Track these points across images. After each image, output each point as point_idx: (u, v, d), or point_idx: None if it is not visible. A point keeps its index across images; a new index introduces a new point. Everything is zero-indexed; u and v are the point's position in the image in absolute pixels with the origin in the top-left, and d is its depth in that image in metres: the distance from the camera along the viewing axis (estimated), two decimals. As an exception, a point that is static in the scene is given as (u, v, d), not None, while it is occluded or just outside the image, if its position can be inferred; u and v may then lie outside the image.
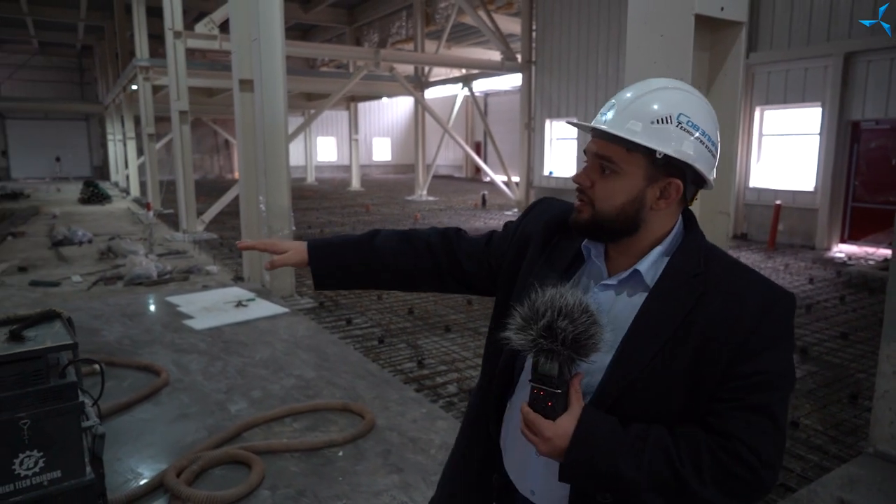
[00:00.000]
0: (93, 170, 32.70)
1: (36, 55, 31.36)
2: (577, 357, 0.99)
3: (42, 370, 2.09)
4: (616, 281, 1.11)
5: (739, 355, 1.00)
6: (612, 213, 1.06)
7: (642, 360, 1.03)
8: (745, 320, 1.01)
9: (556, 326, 0.98)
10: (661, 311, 1.04)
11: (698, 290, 1.04)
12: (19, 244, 11.19)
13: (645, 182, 1.05)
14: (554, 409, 1.00)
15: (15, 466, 2.05)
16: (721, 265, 1.08)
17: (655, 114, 1.03)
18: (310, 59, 27.29)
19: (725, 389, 1.00)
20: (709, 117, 1.06)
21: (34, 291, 7.55)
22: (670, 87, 1.07)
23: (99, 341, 5.13)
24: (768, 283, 1.07)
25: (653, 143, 1.02)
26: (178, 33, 11.17)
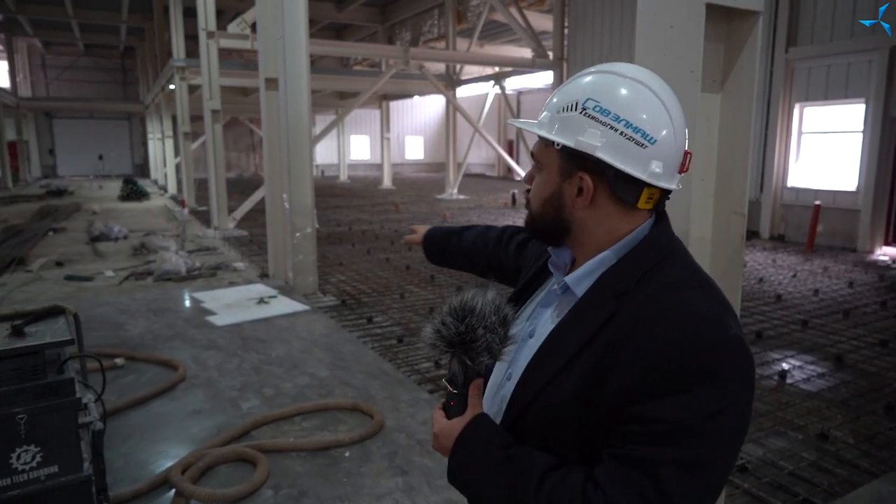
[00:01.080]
0: (134, 168, 33.63)
1: (81, 57, 32.40)
2: (468, 361, 0.96)
3: (40, 366, 2.11)
4: (560, 291, 1.01)
5: (632, 393, 0.83)
6: (539, 211, 1.00)
7: (540, 381, 0.94)
8: (649, 350, 0.83)
9: (443, 323, 0.96)
10: (570, 331, 0.93)
11: (611, 311, 0.89)
12: (59, 239, 11.53)
13: (559, 178, 0.95)
14: (453, 409, 1.00)
15: (12, 461, 2.06)
16: (655, 285, 0.90)
17: (562, 101, 0.93)
18: (343, 59, 27.52)
19: (613, 433, 0.85)
20: (633, 102, 0.89)
21: (68, 286, 7.76)
22: (594, 70, 0.94)
23: (123, 336, 5.23)
24: (700, 314, 0.85)
25: (551, 134, 0.93)
26: (211, 33, 11.35)
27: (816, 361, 4.94)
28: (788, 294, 7.21)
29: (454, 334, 0.94)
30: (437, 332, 0.96)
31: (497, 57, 19.03)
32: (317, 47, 16.59)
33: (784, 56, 10.97)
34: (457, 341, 0.94)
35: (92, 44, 30.16)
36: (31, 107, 29.08)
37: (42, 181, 28.28)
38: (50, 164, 32.44)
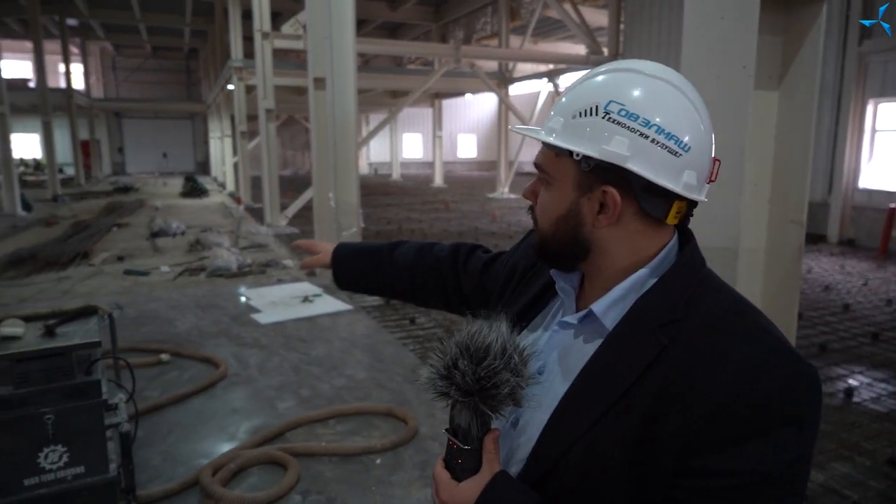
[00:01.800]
0: (196, 165, 34.85)
1: (149, 59, 33.81)
2: (484, 408, 0.78)
3: (68, 366, 2.13)
4: (577, 320, 0.86)
5: (697, 444, 0.70)
6: (550, 231, 0.85)
7: (578, 428, 0.78)
8: (718, 394, 0.71)
9: (457, 367, 0.78)
10: (610, 368, 0.79)
11: (661, 344, 0.76)
12: (122, 234, 12.01)
13: (576, 192, 0.81)
14: (463, 468, 0.81)
15: (40, 460, 2.09)
16: (709, 313, 0.77)
17: (579, 105, 0.79)
18: (397, 58, 27.68)
19: (677, 488, 0.72)
20: (668, 104, 0.77)
21: (126, 280, 8.04)
22: (610, 69, 0.81)
23: (171, 331, 5.35)
24: (773, 346, 0.73)
25: (568, 142, 0.79)
26: (266, 34, 11.57)
27: (888, 379, 4.57)
28: (858, 304, 6.75)
29: (472, 381, 0.77)
30: (446, 378, 0.79)
31: (549, 54, 18.70)
32: (364, 46, 16.72)
33: (857, 50, 10.30)
34: (475, 389, 0.77)
35: (158, 46, 31.41)
36: (103, 107, 30.54)
37: (111, 178, 29.68)
38: (119, 161, 34.03)
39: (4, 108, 14.73)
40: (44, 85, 19.67)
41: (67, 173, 26.72)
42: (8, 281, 8.02)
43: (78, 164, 25.35)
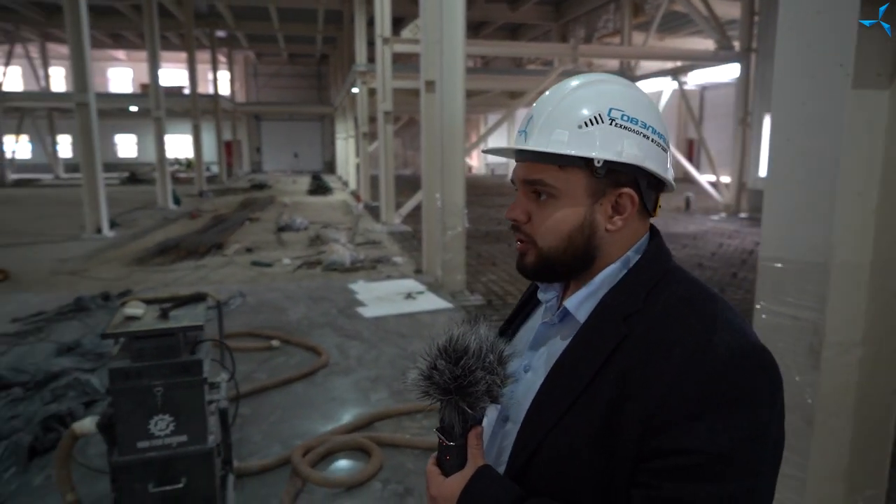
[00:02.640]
0: (324, 164, 36.98)
1: (285, 65, 36.37)
2: (467, 408, 0.82)
3: (176, 346, 2.38)
4: (557, 319, 0.89)
5: (654, 424, 0.73)
6: (560, 247, 0.85)
7: (549, 421, 0.82)
8: (667, 375, 0.74)
9: (436, 368, 0.83)
10: (578, 360, 0.82)
11: (621, 334, 0.79)
12: (253, 228, 13.04)
13: (590, 200, 0.84)
14: (451, 463, 0.86)
15: (150, 426, 2.35)
16: (665, 303, 0.81)
17: (582, 116, 0.82)
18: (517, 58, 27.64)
19: (641, 471, 0.75)
20: (647, 106, 0.84)
21: (252, 270, 8.74)
22: (589, 81, 0.85)
23: (283, 320, 5.76)
24: (719, 329, 0.76)
25: (586, 151, 0.81)
26: (387, 39, 12.04)
27: None
28: None
29: (449, 379, 0.82)
30: (428, 378, 0.84)
31: (673, 50, 17.78)
32: (477, 48, 16.87)
33: None
34: (452, 387, 0.82)
35: (294, 53, 33.74)
36: (244, 110, 33.32)
37: (249, 175, 32.29)
38: (257, 160, 36.96)
39: (161, 112, 16.51)
40: (195, 91, 21.81)
41: (213, 171, 29.43)
42: (156, 266, 9.01)
43: (222, 162, 27.86)
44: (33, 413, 3.48)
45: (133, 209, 16.22)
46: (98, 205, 11.60)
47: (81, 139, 11.50)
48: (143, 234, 12.10)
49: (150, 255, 9.68)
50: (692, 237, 11.41)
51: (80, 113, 11.22)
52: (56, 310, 5.97)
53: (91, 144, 11.40)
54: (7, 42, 26.25)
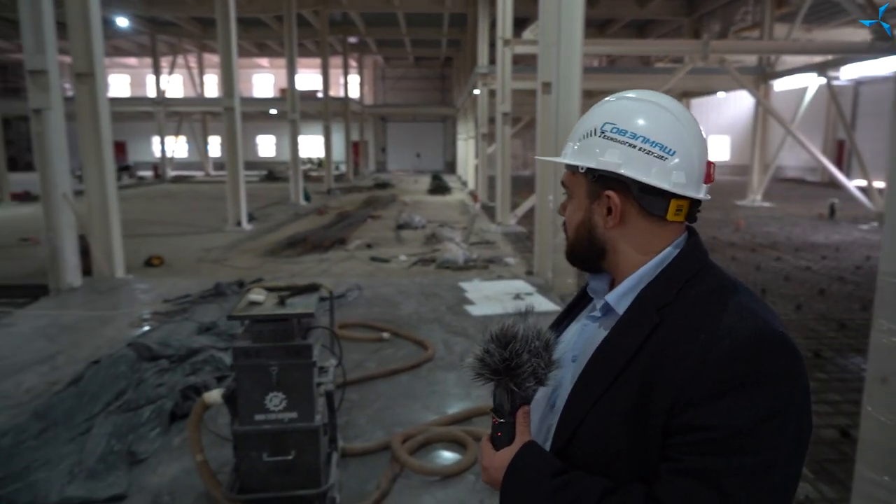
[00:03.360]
0: (444, 164, 37.79)
1: (411, 68, 37.60)
2: (514, 388, 0.94)
3: (290, 330, 2.62)
4: (601, 312, 1.01)
5: (679, 403, 0.82)
6: (574, 238, 1.02)
7: (588, 401, 0.92)
8: (691, 358, 0.83)
9: (486, 351, 0.95)
10: (614, 347, 0.92)
11: (654, 323, 0.89)
12: (374, 225, 13.67)
13: (588, 200, 0.98)
14: (501, 439, 0.97)
15: (266, 401, 2.61)
16: (696, 294, 0.90)
17: (583, 130, 0.98)
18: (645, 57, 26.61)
19: (668, 447, 0.83)
20: (652, 119, 0.93)
21: (370, 265, 9.20)
22: (610, 99, 0.99)
23: (395, 313, 6.03)
24: (742, 315, 0.85)
25: (576, 159, 0.97)
26: (507, 41, 12.11)
27: None
28: None
29: (498, 361, 0.93)
30: (481, 360, 0.95)
31: (820, 43, 16.24)
32: (595, 48, 16.42)
33: None
34: (502, 368, 0.93)
35: (419, 56, 34.77)
36: (372, 112, 34.88)
37: (374, 174, 33.75)
38: (382, 160, 38.55)
39: (296, 115, 17.75)
40: (327, 95, 23.18)
41: (341, 170, 31.10)
42: (285, 258, 9.75)
43: (349, 161, 29.37)
44: (175, 383, 3.94)
45: (268, 204, 17.58)
46: (239, 200, 12.72)
47: (227, 140, 12.67)
48: (276, 228, 13.11)
49: (280, 248, 10.47)
50: (834, 248, 10.40)
51: (227, 116, 12.36)
52: (199, 293, 6.67)
53: (235, 145, 12.52)
54: (171, 54, 29.45)
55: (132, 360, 4.23)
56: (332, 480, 2.76)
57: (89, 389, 3.86)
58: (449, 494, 2.95)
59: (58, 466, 3.06)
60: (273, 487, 2.66)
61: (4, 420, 3.67)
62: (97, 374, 4.02)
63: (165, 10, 20.78)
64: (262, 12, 20.61)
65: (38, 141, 6.80)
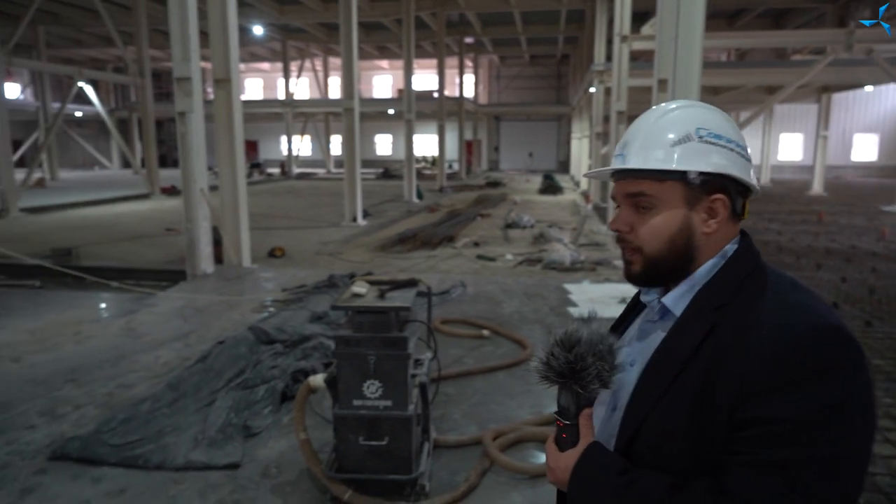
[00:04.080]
0: (557, 164, 37.25)
1: (526, 67, 37.39)
2: (580, 390, 0.96)
3: (387, 322, 2.75)
4: (658, 316, 1.03)
5: (743, 397, 0.84)
6: (663, 250, 0.99)
7: (650, 400, 0.94)
8: (752, 352, 0.85)
9: (552, 354, 0.97)
10: (673, 348, 0.94)
11: (711, 322, 0.91)
12: (482, 224, 13.78)
13: (686, 207, 0.98)
14: (565, 441, 1.00)
15: (363, 388, 2.76)
16: (753, 292, 0.92)
17: (672, 137, 0.97)
18: (780, 49, 24.67)
19: (735, 441, 0.85)
20: (727, 123, 0.99)
21: (476, 263, 9.30)
22: (674, 107, 1.00)
23: (497, 312, 6.07)
24: (802, 311, 0.87)
25: (682, 165, 0.96)
26: (625, 37, 11.76)
27: None
28: None
29: (563, 364, 0.96)
30: (547, 364, 0.98)
31: None
32: (721, 41, 15.39)
33: None
34: (567, 371, 0.96)
35: (535, 55, 34.53)
36: (485, 111, 35.11)
37: (486, 173, 33.96)
38: (494, 159, 38.69)
39: (411, 114, 18.28)
40: (442, 95, 23.64)
41: (454, 168, 31.59)
42: (395, 254, 10.11)
43: (462, 160, 29.76)
44: (287, 366, 4.25)
45: (383, 202, 18.27)
46: (355, 197, 13.34)
47: (346, 139, 13.32)
48: (388, 224, 13.60)
49: (391, 244, 10.86)
50: None
51: (346, 116, 13.00)
52: (314, 284, 7.10)
53: (353, 144, 13.14)
54: (299, 58, 31.37)
55: (251, 342, 4.60)
56: (422, 468, 2.87)
57: (214, 367, 4.25)
58: (537, 493, 2.95)
59: (185, 433, 3.42)
60: (367, 470, 2.82)
61: (145, 389, 4.14)
62: (221, 354, 4.42)
63: (295, 17, 22.17)
64: (382, 16, 21.43)
65: (181, 140, 7.55)
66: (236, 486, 3.00)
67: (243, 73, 38.11)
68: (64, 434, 3.47)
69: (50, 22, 22.85)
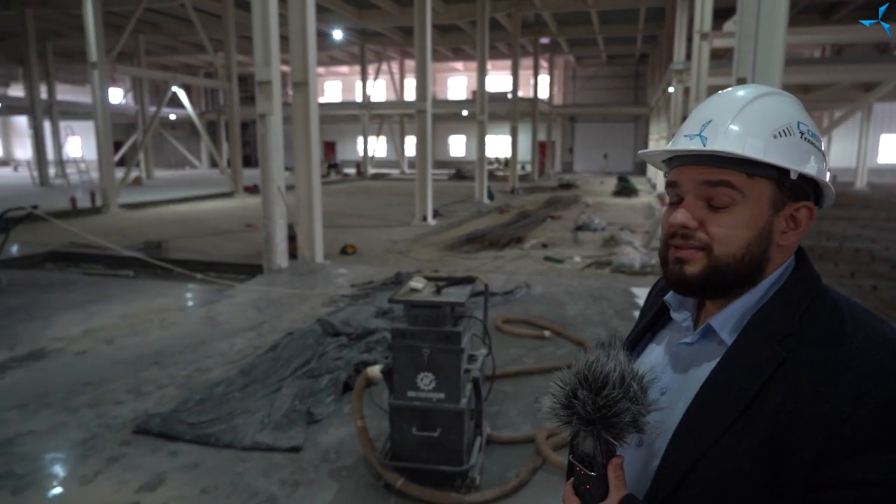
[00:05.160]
0: (633, 166, 36.25)
1: (603, 67, 36.65)
2: (607, 436, 0.80)
3: (441, 317, 2.82)
4: (696, 338, 0.87)
5: (829, 454, 0.71)
6: (738, 255, 0.82)
7: (700, 446, 0.78)
8: (841, 402, 0.71)
9: (576, 397, 0.80)
10: (730, 383, 0.79)
11: (780, 357, 0.77)
12: (553, 225, 13.67)
13: (771, 210, 0.82)
14: (591, 494, 0.84)
15: (417, 380, 2.85)
16: (827, 323, 0.78)
17: (775, 126, 0.82)
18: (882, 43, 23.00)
19: (814, 501, 0.72)
20: (813, 122, 0.85)
21: (543, 265, 9.26)
22: (765, 92, 0.85)
23: (560, 313, 6.04)
24: (893, 347, 0.73)
25: (784, 161, 0.80)
26: (705, 35, 11.35)
27: None
28: None
29: (592, 410, 0.79)
30: (567, 407, 0.81)
31: None
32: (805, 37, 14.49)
33: None
34: (596, 418, 0.79)
35: (612, 54, 33.79)
36: (560, 112, 34.71)
37: (559, 175, 33.55)
38: (568, 160, 38.15)
39: (484, 116, 18.34)
40: (516, 96, 23.58)
41: (526, 170, 31.41)
42: (462, 253, 10.21)
43: (534, 162, 29.55)
44: (351, 358, 4.41)
45: (454, 202, 18.43)
46: (426, 197, 13.55)
47: (418, 140, 13.56)
48: (458, 224, 13.73)
49: (459, 243, 10.97)
50: None
51: (419, 118, 13.23)
52: (381, 281, 7.30)
53: (424, 145, 13.35)
54: (376, 61, 32.14)
55: (318, 334, 4.81)
56: (473, 461, 2.93)
57: (283, 355, 4.48)
58: (588, 495, 2.95)
59: (253, 416, 3.63)
60: (420, 459, 2.90)
61: (220, 373, 4.41)
62: (290, 344, 4.65)
63: (373, 21, 22.74)
64: (458, 18, 21.61)
65: (261, 141, 7.95)
66: (297, 468, 3.16)
67: (323, 77, 39.44)
68: (147, 411, 3.77)
69: (150, 31, 24.50)
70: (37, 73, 22.56)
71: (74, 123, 29.50)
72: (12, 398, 3.98)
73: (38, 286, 7.26)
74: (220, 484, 3.02)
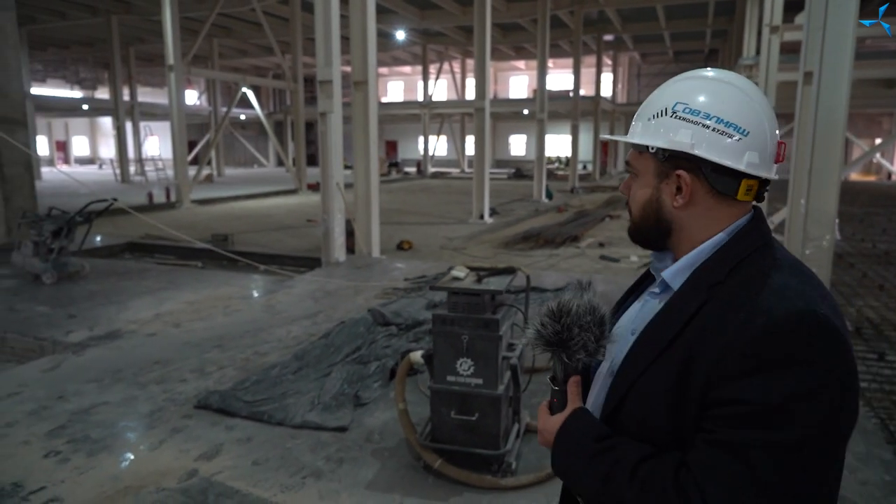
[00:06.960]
0: (701, 166, 35.11)
1: (670, 64, 35.57)
2: (566, 359, 1.00)
3: (481, 305, 2.91)
4: (659, 289, 1.04)
5: (715, 377, 0.85)
6: (638, 217, 1.04)
7: (636, 370, 0.96)
8: (730, 333, 0.85)
9: (542, 324, 1.00)
10: (664, 321, 0.96)
11: (702, 300, 0.92)
12: (610, 225, 13.47)
13: (656, 180, 1.00)
14: (556, 405, 1.05)
15: (456, 365, 2.94)
16: (745, 274, 0.92)
17: (652, 109, 1.00)
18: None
19: (704, 418, 0.87)
20: (726, 100, 0.95)
21: (598, 263, 9.18)
22: (680, 79, 1.01)
23: (611, 311, 5.98)
24: (783, 296, 0.86)
25: (645, 139, 0.99)
26: (775, 28, 10.91)
27: None
28: None
29: (551, 334, 0.99)
30: (537, 332, 1.01)
31: None
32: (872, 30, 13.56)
33: None
34: (554, 340, 0.99)
35: (679, 51, 32.75)
36: (622, 111, 33.91)
37: (621, 174, 32.83)
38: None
39: (543, 114, 18.23)
40: (577, 94, 23.28)
41: (587, 169, 30.95)
42: (517, 251, 10.23)
43: (596, 161, 29.09)
44: (399, 347, 4.55)
45: (512, 200, 18.41)
46: (483, 195, 13.62)
47: (477, 138, 13.64)
48: (514, 223, 13.73)
49: (514, 241, 10.99)
50: None
51: (477, 116, 13.31)
52: (434, 276, 7.43)
53: (482, 143, 13.42)
54: (438, 61, 32.40)
55: (369, 323, 4.98)
56: (509, 447, 2.99)
57: (335, 342, 4.67)
58: (624, 485, 2.96)
59: (304, 397, 3.82)
60: (458, 442, 2.99)
61: (276, 357, 4.64)
62: (342, 331, 4.84)
63: (435, 21, 22.96)
64: (519, 17, 21.54)
65: (321, 139, 8.23)
66: (342, 447, 3.32)
67: (386, 77, 40.10)
68: (208, 388, 4.03)
69: (223, 35, 25.62)
70: (120, 76, 24.02)
71: (153, 124, 31.19)
72: (90, 372, 4.34)
73: (117, 273, 7.80)
74: (271, 457, 3.21)
